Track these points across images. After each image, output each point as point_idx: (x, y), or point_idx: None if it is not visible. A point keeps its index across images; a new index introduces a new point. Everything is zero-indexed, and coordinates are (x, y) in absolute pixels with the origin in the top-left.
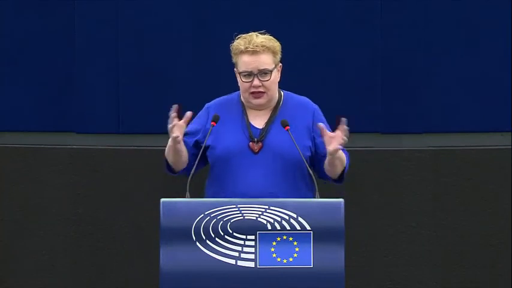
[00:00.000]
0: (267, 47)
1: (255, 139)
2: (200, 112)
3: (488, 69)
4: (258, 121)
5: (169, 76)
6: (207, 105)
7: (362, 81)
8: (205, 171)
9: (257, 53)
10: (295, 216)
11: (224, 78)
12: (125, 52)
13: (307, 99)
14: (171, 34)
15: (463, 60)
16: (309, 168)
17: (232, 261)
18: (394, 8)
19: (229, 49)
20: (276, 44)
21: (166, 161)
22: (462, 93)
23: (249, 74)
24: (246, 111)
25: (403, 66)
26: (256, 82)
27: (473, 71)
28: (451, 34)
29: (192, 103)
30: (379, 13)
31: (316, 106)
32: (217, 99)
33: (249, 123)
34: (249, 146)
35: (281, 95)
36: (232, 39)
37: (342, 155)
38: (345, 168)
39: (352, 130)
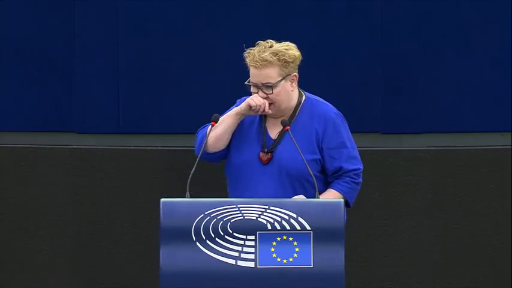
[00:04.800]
0: (269, 62)
1: (266, 149)
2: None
3: (488, 69)
4: (275, 129)
5: (169, 76)
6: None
7: (362, 81)
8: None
9: (260, 68)
10: (295, 216)
11: (224, 78)
12: (125, 52)
13: (329, 108)
14: (171, 34)
15: (463, 60)
16: (313, 177)
17: (232, 261)
18: (394, 8)
19: (230, 49)
20: (286, 56)
21: (206, 137)
22: (462, 93)
23: (255, 86)
24: (265, 117)
25: (403, 67)
26: (261, 94)
27: (473, 71)
28: (451, 34)
29: (192, 103)
30: (379, 13)
31: (335, 115)
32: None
33: (265, 131)
34: (259, 155)
35: (300, 102)
36: (231, 39)
37: (331, 196)
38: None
39: (352, 130)
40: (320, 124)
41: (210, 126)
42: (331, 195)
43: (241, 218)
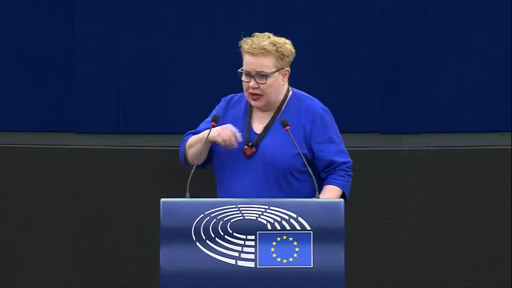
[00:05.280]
0: (267, 51)
1: (250, 143)
2: (217, 106)
3: (488, 69)
4: (260, 124)
5: (169, 76)
6: (226, 98)
7: (362, 81)
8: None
9: (257, 55)
10: (295, 216)
11: (225, 78)
12: (125, 52)
13: (316, 103)
14: (171, 34)
15: (463, 60)
16: (313, 177)
17: (232, 261)
18: (394, 8)
19: (230, 49)
20: (283, 49)
21: (184, 152)
22: (462, 93)
23: (248, 74)
24: (251, 112)
25: (403, 67)
26: (252, 83)
27: (473, 71)
28: (451, 34)
29: (192, 103)
30: (379, 13)
31: (322, 111)
32: (236, 95)
33: (250, 125)
34: (243, 149)
35: (287, 96)
36: (231, 39)
37: (333, 195)
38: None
39: (352, 130)
40: (307, 119)
41: (209, 130)
42: (333, 193)
43: (241, 218)
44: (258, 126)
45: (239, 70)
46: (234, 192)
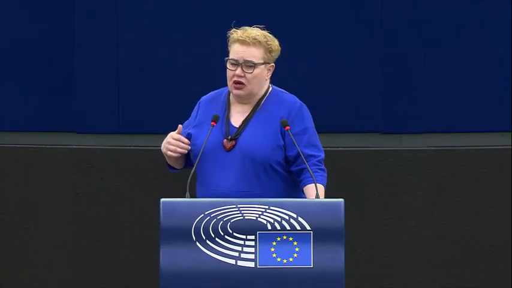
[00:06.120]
0: (258, 41)
1: (229, 137)
2: (194, 108)
3: (488, 69)
4: (238, 117)
5: (170, 76)
6: (200, 99)
7: (362, 81)
8: None
9: (248, 44)
10: (295, 216)
11: (224, 78)
12: (125, 52)
13: (294, 98)
14: (171, 34)
15: (463, 60)
16: (313, 176)
17: (232, 261)
18: (394, 8)
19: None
20: (272, 43)
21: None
22: (462, 93)
23: (235, 63)
24: (229, 106)
25: (403, 66)
26: (239, 71)
27: (473, 71)
28: (451, 34)
29: (191, 103)
30: (379, 13)
31: (299, 105)
32: (210, 93)
33: (228, 120)
34: (222, 143)
35: (267, 92)
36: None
37: (321, 194)
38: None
39: (352, 130)
40: (284, 111)
41: (210, 127)
42: (320, 192)
43: (241, 218)
44: (236, 120)
45: (225, 58)
46: (214, 185)
